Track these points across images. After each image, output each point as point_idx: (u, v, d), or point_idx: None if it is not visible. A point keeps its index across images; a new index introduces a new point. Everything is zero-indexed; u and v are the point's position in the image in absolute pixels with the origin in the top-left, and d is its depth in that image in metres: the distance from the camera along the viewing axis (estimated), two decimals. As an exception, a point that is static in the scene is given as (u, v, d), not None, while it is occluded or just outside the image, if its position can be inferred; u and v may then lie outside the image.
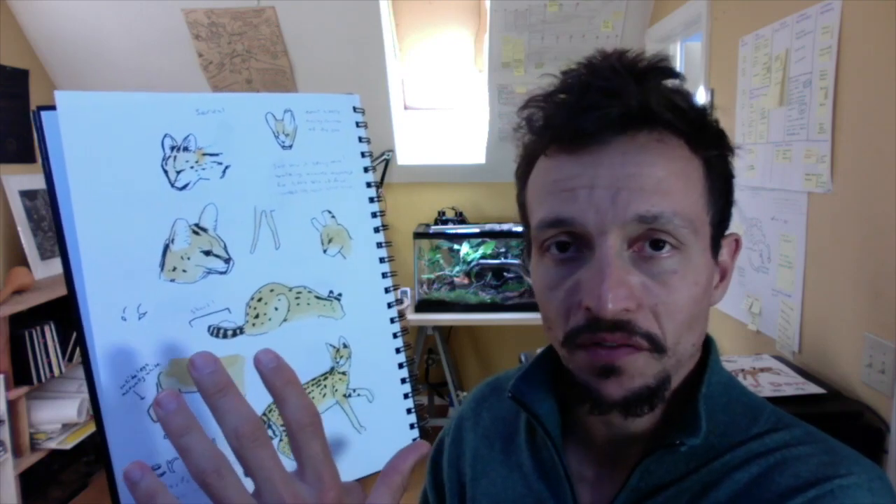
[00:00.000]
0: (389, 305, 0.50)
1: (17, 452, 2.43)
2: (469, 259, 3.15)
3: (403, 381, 0.50)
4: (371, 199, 0.51)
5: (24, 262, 2.71)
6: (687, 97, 0.53)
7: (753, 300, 1.82)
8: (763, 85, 1.74)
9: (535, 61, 2.94)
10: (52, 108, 0.40)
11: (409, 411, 0.49)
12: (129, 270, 0.41)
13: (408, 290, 3.15)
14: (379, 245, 0.50)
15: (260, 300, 0.45)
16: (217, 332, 0.44)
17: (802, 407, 1.32)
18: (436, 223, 3.36)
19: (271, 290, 0.45)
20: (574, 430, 0.62)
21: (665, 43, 2.73)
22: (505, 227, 3.19)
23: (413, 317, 3.08)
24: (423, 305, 3.12)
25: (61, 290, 2.61)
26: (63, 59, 3.05)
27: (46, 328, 2.55)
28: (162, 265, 0.42)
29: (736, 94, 1.90)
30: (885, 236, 1.27)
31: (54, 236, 2.86)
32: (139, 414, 0.41)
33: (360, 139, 0.51)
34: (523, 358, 1.77)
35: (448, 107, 3.49)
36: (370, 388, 0.47)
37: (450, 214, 3.39)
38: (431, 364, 3.54)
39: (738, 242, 0.59)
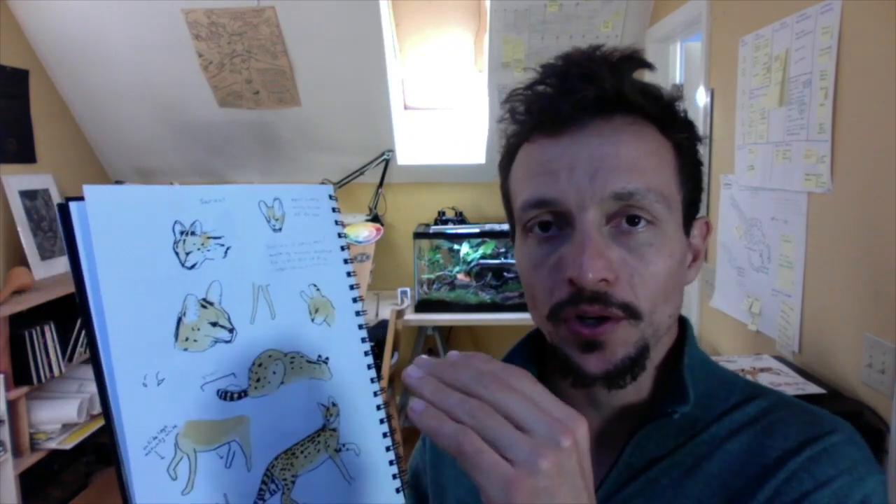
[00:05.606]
0: (369, 367, 0.56)
1: (17, 452, 2.43)
2: (469, 259, 3.15)
3: (385, 434, 0.56)
4: (348, 274, 0.58)
5: (24, 262, 2.71)
6: (657, 87, 0.57)
7: (753, 300, 1.82)
8: (763, 85, 1.74)
9: (535, 61, 2.93)
10: (80, 198, 0.46)
11: (391, 463, 0.55)
12: (149, 343, 0.47)
13: (408, 290, 3.15)
14: (357, 314, 0.57)
15: (260, 365, 0.51)
16: (225, 395, 0.50)
17: (802, 407, 1.32)
18: (436, 223, 3.35)
19: (269, 356, 0.52)
20: None
21: (665, 43, 2.73)
22: (505, 227, 3.17)
23: (413, 317, 3.07)
24: (423, 305, 3.12)
25: (61, 290, 2.61)
26: (63, 59, 3.05)
27: (46, 328, 2.54)
28: (176, 336, 0.48)
29: (736, 94, 1.90)
30: (885, 236, 1.27)
31: (54, 236, 2.84)
32: (161, 472, 0.46)
33: (336, 222, 0.58)
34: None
35: (448, 107, 3.49)
36: (357, 443, 0.54)
37: (450, 214, 3.39)
38: (431, 364, 3.54)
39: (708, 225, 0.63)
